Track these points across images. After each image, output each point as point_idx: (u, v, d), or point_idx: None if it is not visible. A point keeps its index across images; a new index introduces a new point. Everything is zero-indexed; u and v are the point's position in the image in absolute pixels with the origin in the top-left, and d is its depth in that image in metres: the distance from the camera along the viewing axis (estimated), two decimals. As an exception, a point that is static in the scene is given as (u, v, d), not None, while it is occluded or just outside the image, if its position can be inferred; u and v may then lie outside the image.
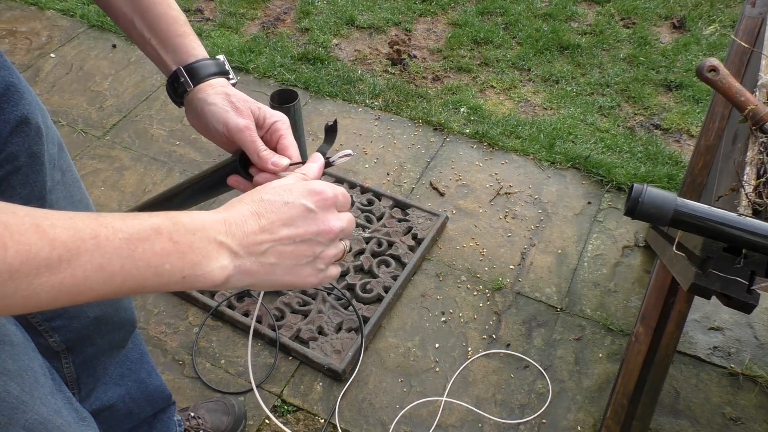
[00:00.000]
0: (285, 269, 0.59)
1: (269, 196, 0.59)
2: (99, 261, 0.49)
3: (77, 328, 0.94)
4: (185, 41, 0.75)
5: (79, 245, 0.48)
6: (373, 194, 2.01)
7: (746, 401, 1.55)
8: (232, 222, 0.56)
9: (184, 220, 0.54)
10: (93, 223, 0.49)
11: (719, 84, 0.92)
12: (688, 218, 0.72)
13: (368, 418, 1.53)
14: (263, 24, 2.82)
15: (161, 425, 1.24)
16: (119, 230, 0.50)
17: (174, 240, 0.52)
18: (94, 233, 0.49)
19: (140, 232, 0.51)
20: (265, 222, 0.57)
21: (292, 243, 0.58)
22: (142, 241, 0.51)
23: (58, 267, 0.47)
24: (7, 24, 2.78)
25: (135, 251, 0.50)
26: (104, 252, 0.49)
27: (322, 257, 0.61)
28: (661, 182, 2.03)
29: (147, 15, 0.74)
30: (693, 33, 2.69)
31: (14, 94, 0.76)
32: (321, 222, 0.60)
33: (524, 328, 1.70)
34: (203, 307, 1.74)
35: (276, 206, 0.58)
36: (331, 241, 0.61)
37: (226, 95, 0.73)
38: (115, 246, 0.49)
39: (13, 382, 0.69)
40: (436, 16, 2.86)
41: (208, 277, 0.54)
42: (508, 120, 2.29)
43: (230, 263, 0.56)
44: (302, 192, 0.60)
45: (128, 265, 0.50)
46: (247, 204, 0.58)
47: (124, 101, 2.41)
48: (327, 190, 0.61)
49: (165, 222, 0.53)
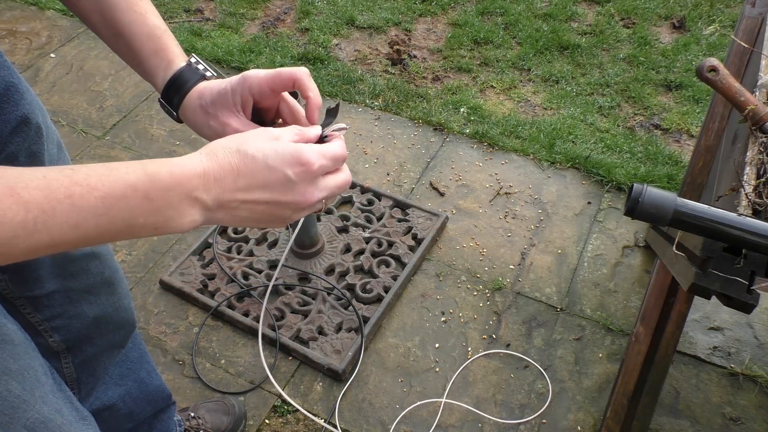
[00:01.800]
0: (253, 221, 0.61)
1: (254, 151, 0.58)
2: (74, 220, 0.49)
3: (77, 328, 0.94)
4: (157, 62, 0.72)
5: (54, 206, 0.48)
6: (373, 194, 2.01)
7: (746, 401, 1.55)
8: (211, 176, 0.56)
9: (162, 176, 0.53)
10: (67, 182, 0.49)
11: (719, 84, 0.92)
12: (688, 218, 0.72)
13: (368, 418, 1.53)
14: (263, 24, 2.82)
15: (161, 425, 1.24)
16: (95, 188, 0.50)
17: (150, 197, 0.53)
18: (69, 193, 0.49)
19: (116, 190, 0.51)
20: (242, 183, 0.57)
21: (264, 204, 0.59)
22: (118, 199, 0.51)
23: (33, 228, 0.47)
24: (7, 24, 2.78)
25: (111, 209, 0.51)
26: (80, 211, 0.49)
27: (289, 217, 0.62)
28: (661, 182, 2.03)
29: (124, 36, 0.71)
30: (693, 33, 2.69)
31: (14, 94, 0.76)
32: (298, 194, 0.60)
33: (524, 328, 1.70)
34: (203, 307, 1.74)
35: (258, 167, 0.58)
36: (304, 209, 0.61)
37: (201, 108, 0.69)
38: (90, 205, 0.50)
39: (15, 381, 0.69)
40: (436, 16, 2.86)
41: (178, 228, 0.56)
42: (508, 120, 2.29)
43: (201, 216, 0.57)
44: (288, 158, 0.59)
45: (103, 222, 0.51)
46: (231, 156, 0.57)
47: (124, 101, 2.41)
48: (313, 160, 0.60)
49: (142, 178, 0.52)
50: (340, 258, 1.84)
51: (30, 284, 0.86)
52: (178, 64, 0.72)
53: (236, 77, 0.69)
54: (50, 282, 0.88)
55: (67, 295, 0.91)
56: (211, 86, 0.69)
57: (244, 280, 1.79)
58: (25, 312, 0.88)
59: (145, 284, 1.81)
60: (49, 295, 0.89)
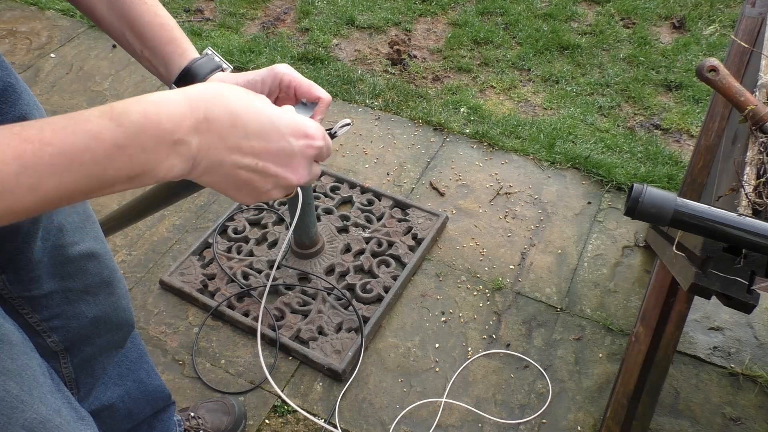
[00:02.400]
0: (226, 186, 0.54)
1: (262, 104, 0.52)
2: (29, 183, 0.43)
3: (75, 328, 0.94)
4: (172, 49, 0.72)
5: (1, 168, 0.42)
6: (373, 194, 2.01)
7: (746, 401, 1.55)
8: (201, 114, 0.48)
9: (132, 116, 0.46)
10: (15, 141, 0.42)
11: (719, 84, 0.92)
12: (688, 218, 0.72)
13: (368, 418, 1.52)
14: (263, 24, 2.82)
15: (161, 425, 1.24)
16: (48, 144, 0.43)
17: (119, 144, 0.45)
18: (18, 152, 0.42)
19: (75, 143, 0.44)
20: (240, 132, 0.50)
21: (246, 170, 0.53)
22: (79, 152, 0.44)
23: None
24: (7, 24, 2.78)
25: (72, 165, 0.44)
26: (33, 173, 0.43)
27: (266, 193, 0.56)
28: (661, 182, 2.03)
29: (135, 26, 0.72)
30: (693, 33, 2.69)
31: (12, 95, 0.76)
32: (292, 169, 0.55)
33: (524, 328, 1.70)
34: (203, 307, 1.74)
35: (262, 125, 0.51)
36: (284, 188, 0.56)
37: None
38: (46, 163, 0.43)
39: (12, 381, 0.69)
40: (436, 16, 2.86)
41: (156, 177, 0.49)
42: (508, 120, 2.29)
43: (182, 165, 0.49)
44: (293, 126, 0.53)
45: (66, 181, 0.44)
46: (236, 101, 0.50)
47: (124, 101, 2.41)
48: (317, 138, 0.55)
49: (105, 124, 0.45)
50: (340, 258, 1.84)
51: (28, 284, 0.86)
52: (194, 53, 0.72)
53: (265, 69, 0.69)
54: (48, 282, 0.88)
55: (66, 295, 0.91)
56: (235, 77, 0.70)
57: (244, 280, 1.79)
58: (23, 312, 0.88)
59: (145, 284, 1.81)
60: (48, 296, 0.89)
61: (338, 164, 2.12)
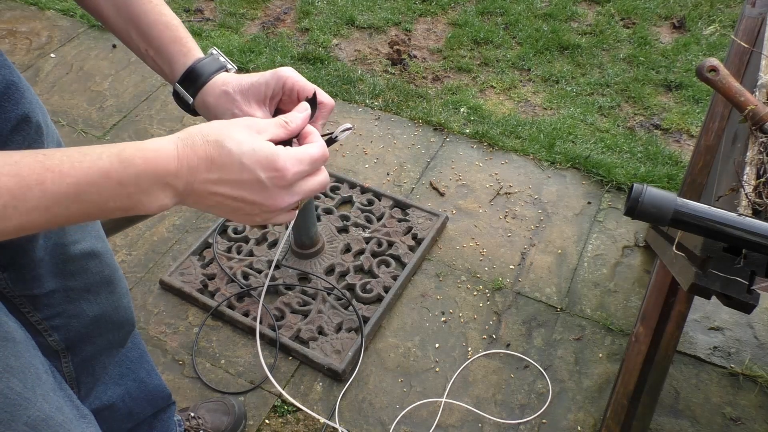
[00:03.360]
0: (222, 212, 0.61)
1: (232, 145, 0.57)
2: (45, 205, 0.50)
3: (76, 328, 0.94)
4: (177, 48, 0.73)
5: (25, 193, 0.49)
6: (373, 194, 2.01)
7: (746, 401, 1.55)
8: (185, 163, 0.56)
9: (136, 162, 0.54)
10: (39, 168, 0.49)
11: (719, 84, 0.92)
12: (688, 218, 0.72)
13: (368, 418, 1.53)
14: (263, 24, 2.82)
15: (161, 425, 1.24)
16: (67, 175, 0.50)
17: (122, 183, 0.53)
18: (41, 179, 0.49)
19: (88, 176, 0.51)
20: (215, 176, 0.57)
21: (232, 200, 0.59)
22: (90, 185, 0.52)
23: (3, 214, 0.48)
24: (7, 24, 2.78)
25: (82, 195, 0.51)
26: (50, 197, 0.50)
27: (260, 216, 0.62)
28: (661, 182, 2.03)
29: (140, 25, 0.73)
30: (693, 33, 2.69)
31: (15, 93, 0.76)
32: (268, 197, 0.59)
33: (524, 328, 1.70)
34: (203, 307, 1.74)
35: (232, 163, 0.57)
36: (274, 212, 0.61)
37: (227, 96, 0.71)
38: (62, 191, 0.50)
39: (16, 379, 0.69)
40: (436, 16, 2.86)
41: (146, 210, 0.56)
42: (508, 120, 2.29)
43: (171, 200, 0.57)
44: (263, 161, 0.58)
45: (73, 207, 0.52)
46: (207, 145, 0.57)
47: (124, 101, 2.41)
48: (288, 169, 0.59)
49: (115, 165, 0.53)
50: (340, 258, 1.84)
51: (29, 283, 0.86)
52: (198, 53, 0.74)
53: (269, 72, 0.71)
54: (50, 281, 0.88)
55: (67, 294, 0.91)
56: (240, 78, 0.71)
57: (244, 280, 1.79)
58: (24, 311, 0.88)
59: (145, 284, 1.81)
60: (49, 294, 0.89)
61: (338, 164, 2.12)
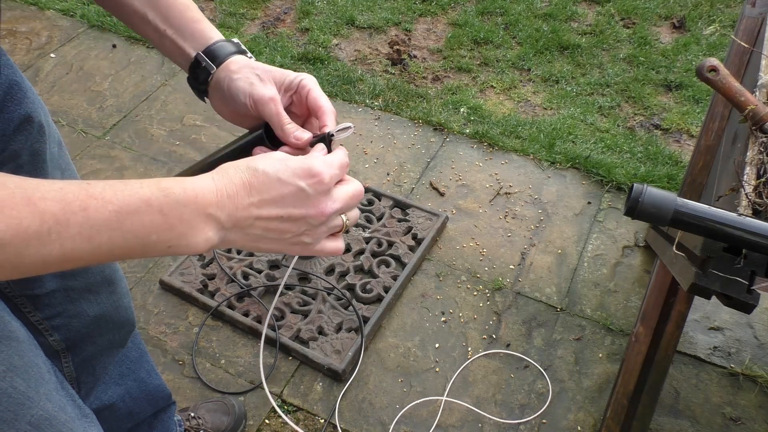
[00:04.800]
0: (269, 241, 0.60)
1: (264, 166, 0.58)
2: (88, 233, 0.49)
3: (77, 327, 0.94)
4: (200, 26, 0.74)
5: (69, 218, 0.48)
6: (373, 194, 2.01)
7: (746, 401, 1.55)
8: (224, 192, 0.56)
9: (176, 191, 0.53)
10: (83, 195, 0.49)
11: (719, 84, 0.92)
12: (688, 218, 0.72)
13: (368, 418, 1.53)
14: (263, 24, 2.82)
15: (161, 425, 1.24)
16: (109, 202, 0.50)
17: (164, 213, 0.52)
18: (84, 205, 0.49)
19: (130, 204, 0.51)
20: (255, 198, 0.57)
21: (278, 221, 0.58)
22: (131, 213, 0.51)
23: (47, 239, 0.48)
24: (7, 24, 2.78)
25: (124, 223, 0.51)
26: (93, 224, 0.49)
27: (309, 234, 0.61)
28: (661, 182, 2.03)
29: (159, 6, 0.73)
30: (693, 33, 2.69)
31: (18, 93, 0.76)
32: (312, 206, 0.59)
33: (524, 328, 1.70)
34: (203, 307, 1.74)
35: (269, 181, 0.58)
36: (321, 223, 0.61)
37: (250, 68, 0.72)
38: (104, 218, 0.50)
39: (19, 378, 0.69)
40: (436, 16, 2.86)
41: (193, 248, 0.55)
42: (508, 120, 2.29)
43: (216, 235, 0.56)
44: (298, 171, 0.59)
45: (116, 237, 0.51)
46: (242, 172, 0.57)
47: (124, 101, 2.41)
48: (324, 172, 0.60)
49: (156, 193, 0.52)
50: (340, 258, 1.84)
51: (30, 283, 0.86)
52: (220, 35, 0.75)
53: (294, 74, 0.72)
54: (50, 281, 0.88)
55: (67, 293, 0.91)
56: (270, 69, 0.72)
57: (244, 280, 1.79)
58: (25, 311, 0.88)
59: (145, 284, 1.81)
60: (50, 294, 0.89)
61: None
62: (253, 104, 0.70)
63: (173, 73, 2.52)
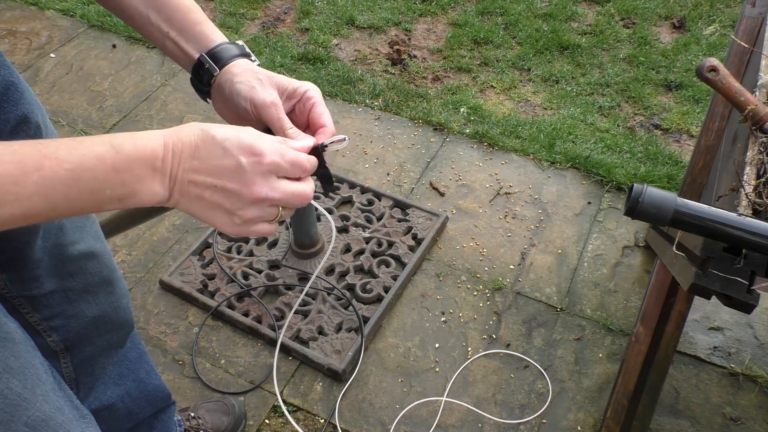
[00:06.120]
0: (202, 209, 0.61)
1: (215, 132, 0.59)
2: (44, 192, 0.51)
3: (75, 328, 0.94)
4: (204, 28, 0.75)
5: (25, 179, 0.50)
6: (373, 194, 2.01)
7: (746, 401, 1.55)
8: (170, 149, 0.58)
9: (127, 148, 0.55)
10: (37, 156, 0.51)
11: (719, 84, 0.92)
12: (688, 218, 0.72)
13: (368, 418, 1.53)
14: (263, 24, 2.82)
15: (161, 425, 1.24)
16: (64, 161, 0.52)
17: (116, 168, 0.55)
18: (39, 165, 0.51)
19: (84, 162, 0.53)
20: (197, 163, 0.59)
21: (212, 190, 0.59)
22: (86, 170, 0.53)
23: (5, 199, 0.50)
24: (7, 24, 2.78)
25: (78, 181, 0.53)
26: (49, 183, 0.51)
27: (238, 214, 0.61)
28: (661, 182, 2.03)
29: (162, 8, 0.73)
30: (693, 33, 2.69)
31: (14, 93, 0.76)
32: (245, 183, 0.59)
33: (524, 328, 1.70)
34: (203, 307, 1.74)
35: (214, 149, 0.59)
36: (252, 203, 0.60)
37: (253, 72, 0.72)
38: (60, 177, 0.52)
39: (16, 379, 0.69)
40: (436, 16, 2.86)
41: (140, 200, 0.58)
42: (508, 120, 2.29)
43: (162, 190, 0.58)
44: (244, 146, 0.59)
45: (72, 194, 0.53)
46: (193, 133, 0.59)
47: (124, 101, 2.41)
48: (267, 154, 0.59)
49: (109, 150, 0.55)
50: (340, 258, 1.84)
51: (28, 284, 0.86)
52: (224, 37, 0.76)
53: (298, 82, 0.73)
54: (49, 281, 0.88)
55: (66, 294, 0.91)
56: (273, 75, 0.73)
57: (244, 280, 1.79)
58: (23, 311, 0.88)
59: (145, 284, 1.81)
60: (48, 295, 0.89)
61: (338, 164, 2.12)
62: (254, 108, 0.71)
63: (173, 73, 2.52)
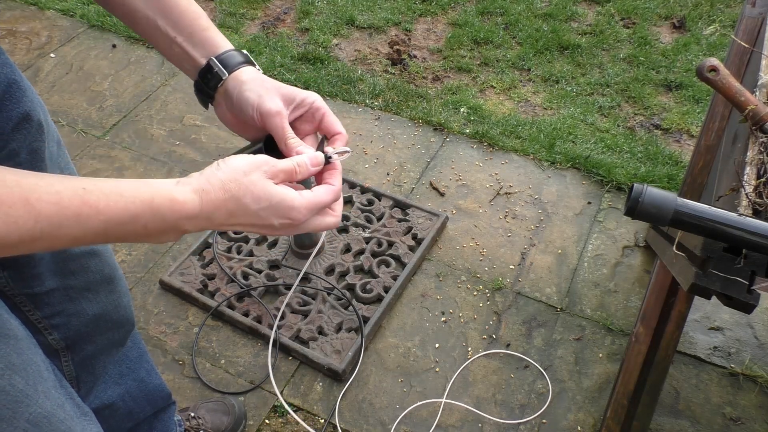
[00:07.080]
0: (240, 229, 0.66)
1: (249, 201, 0.62)
2: (75, 234, 0.54)
3: (76, 326, 0.94)
4: (211, 34, 0.75)
5: (61, 221, 0.52)
6: (373, 194, 2.01)
7: (746, 401, 1.55)
8: (204, 216, 0.61)
9: (164, 211, 0.58)
10: (77, 201, 0.53)
11: (719, 84, 0.92)
12: (688, 218, 0.72)
13: (368, 418, 1.53)
14: (263, 24, 2.82)
15: (161, 425, 1.24)
16: (101, 213, 0.54)
17: (147, 227, 0.58)
18: (78, 212, 0.53)
19: (120, 217, 0.56)
20: (232, 219, 0.63)
21: (242, 227, 0.65)
22: (118, 224, 0.56)
23: (39, 237, 0.52)
24: (7, 24, 2.78)
25: (109, 231, 0.56)
26: (82, 228, 0.54)
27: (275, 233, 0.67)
28: (661, 182, 2.03)
29: (170, 14, 0.74)
30: (693, 33, 2.69)
31: (16, 91, 0.76)
32: (277, 232, 0.66)
33: (524, 328, 1.70)
34: (203, 307, 1.74)
35: (248, 214, 0.62)
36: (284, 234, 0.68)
37: (261, 81, 0.73)
38: (93, 226, 0.54)
39: (18, 376, 0.69)
40: (436, 16, 2.86)
41: (155, 243, 0.62)
42: (508, 120, 2.29)
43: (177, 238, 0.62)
44: (278, 213, 0.63)
45: (100, 239, 0.56)
46: (227, 201, 0.61)
47: (124, 101, 2.41)
48: (299, 220, 0.64)
49: (146, 212, 0.57)
50: (340, 258, 1.84)
51: (30, 281, 0.86)
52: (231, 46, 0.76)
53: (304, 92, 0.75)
54: (50, 279, 0.88)
55: (67, 292, 0.91)
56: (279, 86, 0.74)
57: (244, 280, 1.79)
58: (24, 309, 0.88)
59: (145, 284, 1.81)
60: (49, 293, 0.89)
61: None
62: (260, 117, 0.72)
63: (173, 73, 2.52)
